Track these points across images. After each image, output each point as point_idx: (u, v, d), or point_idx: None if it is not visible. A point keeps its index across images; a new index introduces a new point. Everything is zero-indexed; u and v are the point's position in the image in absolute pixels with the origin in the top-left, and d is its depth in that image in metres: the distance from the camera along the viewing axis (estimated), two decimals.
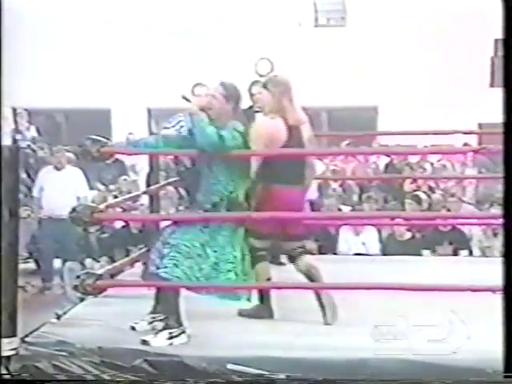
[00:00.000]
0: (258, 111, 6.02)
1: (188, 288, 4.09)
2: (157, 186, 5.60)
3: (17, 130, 11.02)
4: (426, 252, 8.04)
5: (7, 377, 3.81)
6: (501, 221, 3.64)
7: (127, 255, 7.06)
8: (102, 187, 9.92)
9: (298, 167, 4.45)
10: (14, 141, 10.37)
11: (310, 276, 4.45)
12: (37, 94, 12.12)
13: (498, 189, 9.05)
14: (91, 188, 9.36)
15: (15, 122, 11.26)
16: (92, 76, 12.44)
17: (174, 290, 4.04)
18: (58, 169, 8.71)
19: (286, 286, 4.51)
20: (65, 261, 8.47)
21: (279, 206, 4.22)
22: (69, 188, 8.49)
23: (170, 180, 6.16)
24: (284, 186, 4.32)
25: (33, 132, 11.21)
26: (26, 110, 11.23)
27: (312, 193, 8.47)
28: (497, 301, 3.65)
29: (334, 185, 9.73)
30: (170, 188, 8.16)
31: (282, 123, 4.35)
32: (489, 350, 3.57)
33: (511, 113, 3.50)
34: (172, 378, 3.73)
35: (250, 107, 6.05)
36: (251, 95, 6.08)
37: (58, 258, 8.57)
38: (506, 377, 3.49)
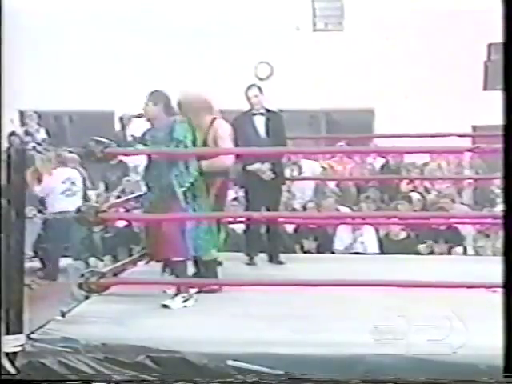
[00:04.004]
0: (255, 113, 6.14)
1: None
2: None
3: (26, 132, 11.09)
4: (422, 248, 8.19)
5: (7, 377, 3.87)
6: (494, 221, 3.72)
7: (130, 254, 7.19)
8: (103, 188, 10.05)
9: None
10: (22, 142, 10.44)
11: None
12: (41, 97, 12.16)
13: (493, 190, 9.18)
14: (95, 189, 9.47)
15: (25, 124, 11.33)
16: (96, 79, 12.50)
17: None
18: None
19: (283, 283, 4.64)
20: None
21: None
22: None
23: None
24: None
25: (42, 134, 11.27)
26: (35, 112, 11.31)
27: None
28: (493, 299, 3.73)
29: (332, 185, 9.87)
30: None
31: None
32: (487, 348, 3.60)
33: (510, 114, 3.56)
34: (180, 377, 3.80)
35: (249, 110, 6.16)
36: (248, 98, 6.17)
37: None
38: (505, 377, 3.51)
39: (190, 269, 5.05)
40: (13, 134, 10.90)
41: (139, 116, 5.02)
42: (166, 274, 4.98)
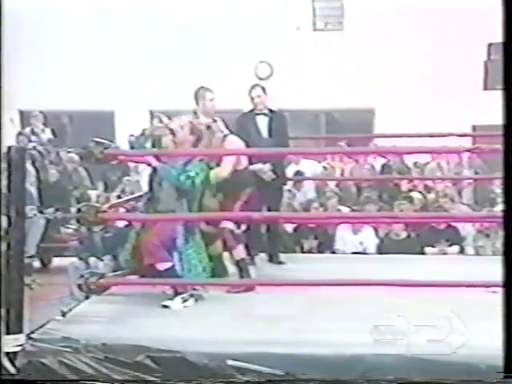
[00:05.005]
0: (258, 113, 6.14)
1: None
2: None
3: (32, 132, 11.10)
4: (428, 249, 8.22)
5: (7, 377, 3.87)
6: (494, 221, 3.71)
7: None
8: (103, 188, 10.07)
9: None
10: (31, 142, 10.50)
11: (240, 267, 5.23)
12: (41, 97, 12.18)
13: (493, 190, 9.19)
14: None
15: (30, 123, 11.34)
16: (96, 79, 12.52)
17: None
18: None
19: (283, 283, 4.64)
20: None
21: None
22: None
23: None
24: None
25: (48, 134, 11.27)
26: (41, 112, 11.31)
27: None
28: (493, 299, 3.72)
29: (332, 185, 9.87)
30: None
31: None
32: (487, 348, 3.60)
33: (510, 114, 3.56)
34: (180, 377, 3.80)
35: (251, 110, 6.16)
36: (251, 99, 6.17)
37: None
38: (505, 377, 3.51)
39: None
40: (20, 133, 10.96)
41: (168, 132, 5.00)
42: None
